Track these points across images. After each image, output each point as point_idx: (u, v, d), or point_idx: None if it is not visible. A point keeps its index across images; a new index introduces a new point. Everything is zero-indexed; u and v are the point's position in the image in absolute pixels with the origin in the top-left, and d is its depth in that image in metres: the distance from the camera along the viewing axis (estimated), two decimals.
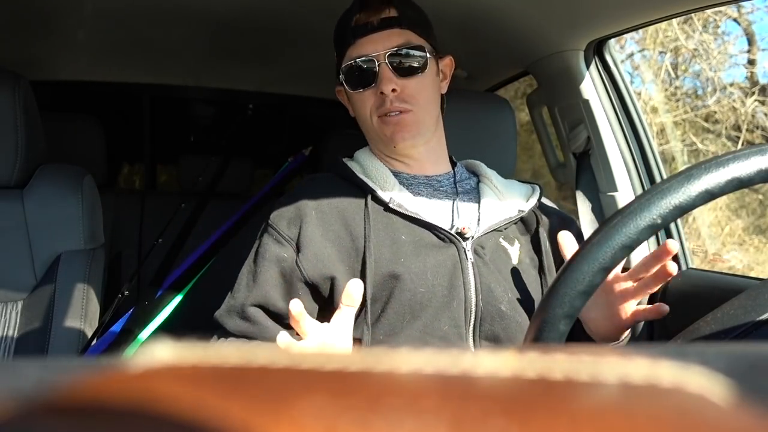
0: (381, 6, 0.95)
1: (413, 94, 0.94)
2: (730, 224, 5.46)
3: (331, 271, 0.89)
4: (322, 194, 0.95)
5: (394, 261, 0.88)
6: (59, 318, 1.19)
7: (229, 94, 2.28)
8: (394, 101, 0.93)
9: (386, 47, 0.93)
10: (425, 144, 0.99)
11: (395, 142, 0.95)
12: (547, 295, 0.48)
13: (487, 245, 0.94)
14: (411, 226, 0.92)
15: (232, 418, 0.13)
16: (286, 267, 0.90)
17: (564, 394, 0.14)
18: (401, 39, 0.94)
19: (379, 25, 0.94)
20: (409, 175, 1.00)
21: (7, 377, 0.20)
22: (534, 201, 1.01)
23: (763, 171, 0.45)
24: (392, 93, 0.93)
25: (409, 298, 0.87)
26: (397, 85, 0.93)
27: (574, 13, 1.24)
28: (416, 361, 0.16)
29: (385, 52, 0.93)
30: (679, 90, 5.99)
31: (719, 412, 0.14)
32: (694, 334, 0.58)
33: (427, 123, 0.97)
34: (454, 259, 0.90)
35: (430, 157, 1.01)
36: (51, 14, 1.43)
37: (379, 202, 0.93)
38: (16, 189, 1.26)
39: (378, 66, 0.93)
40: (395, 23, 0.95)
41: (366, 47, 0.94)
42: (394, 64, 0.93)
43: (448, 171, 1.03)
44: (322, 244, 0.90)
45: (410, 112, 0.94)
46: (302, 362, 0.16)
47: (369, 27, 0.94)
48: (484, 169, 1.06)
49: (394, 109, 0.94)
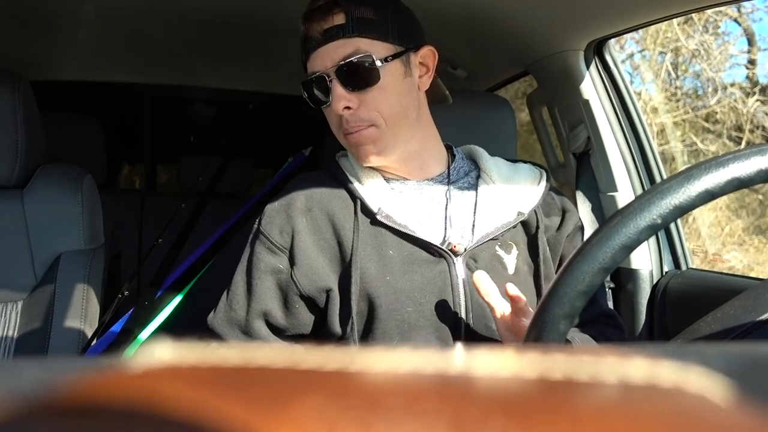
0: (326, 13, 0.85)
1: (372, 107, 0.86)
2: (730, 224, 5.46)
3: (326, 282, 0.86)
4: (314, 198, 0.90)
5: (379, 278, 0.84)
6: (59, 318, 1.19)
7: (229, 94, 2.29)
8: (350, 119, 0.86)
9: (334, 61, 0.85)
10: (403, 152, 0.91)
11: (361, 160, 0.89)
12: (547, 295, 0.48)
13: (480, 257, 0.88)
14: (399, 240, 0.87)
15: (232, 418, 0.13)
16: (282, 279, 0.88)
17: (564, 394, 0.14)
18: (348, 49, 0.85)
19: (323, 37, 0.85)
20: (398, 181, 0.93)
21: (7, 377, 0.20)
22: (538, 195, 0.94)
23: (764, 171, 0.45)
24: (346, 111, 0.86)
25: (396, 317, 0.84)
26: (351, 102, 0.85)
27: (574, 13, 1.24)
28: (416, 361, 0.16)
29: (333, 67, 0.85)
30: (679, 90, 5.99)
31: (719, 412, 0.14)
32: (694, 334, 0.59)
33: (395, 134, 0.88)
34: (444, 276, 0.85)
35: (416, 162, 0.93)
36: (51, 14, 1.43)
37: (367, 212, 0.88)
38: (16, 189, 1.26)
39: (330, 82, 0.85)
40: (339, 32, 0.85)
41: (315, 63, 0.87)
42: (344, 78, 0.85)
43: (441, 172, 0.95)
44: (315, 254, 0.87)
45: (371, 127, 0.86)
46: (302, 362, 0.16)
47: (314, 41, 0.86)
48: (485, 161, 0.97)
49: (351, 127, 0.86)
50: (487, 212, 0.91)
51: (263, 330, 0.89)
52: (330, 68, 0.85)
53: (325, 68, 0.86)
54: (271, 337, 0.90)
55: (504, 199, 0.93)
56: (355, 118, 0.86)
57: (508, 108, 1.39)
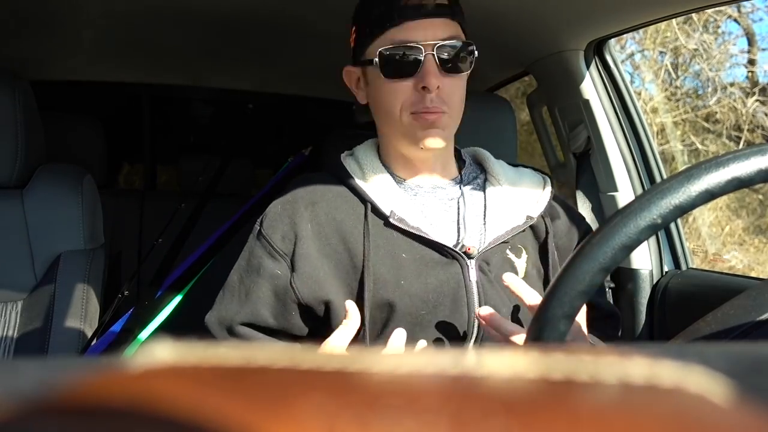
0: None
1: (451, 94, 0.86)
2: (730, 224, 5.46)
3: (327, 293, 0.84)
4: (319, 201, 0.88)
5: (394, 282, 0.83)
6: (59, 318, 1.19)
7: (229, 94, 2.28)
8: (434, 99, 0.84)
9: (436, 37, 0.83)
10: (445, 149, 0.92)
11: (424, 144, 0.86)
12: (547, 295, 0.48)
13: (492, 260, 0.88)
14: (412, 243, 0.86)
15: (232, 418, 0.13)
16: (279, 285, 0.86)
17: (564, 394, 0.14)
18: (452, 31, 0.85)
19: (434, 10, 0.83)
20: (415, 182, 0.92)
21: (7, 377, 0.20)
22: (545, 201, 0.94)
23: (763, 171, 0.45)
24: (436, 90, 0.84)
25: (409, 320, 0.83)
26: (441, 82, 0.84)
27: (574, 13, 1.24)
28: (416, 361, 0.16)
29: (435, 43, 0.83)
30: (679, 90, 5.99)
31: (719, 412, 0.14)
32: (694, 334, 0.59)
33: (455, 126, 0.89)
34: (458, 278, 0.85)
35: (442, 163, 0.94)
36: (51, 14, 1.43)
37: (379, 215, 0.87)
38: (16, 189, 1.26)
39: (424, 56, 0.83)
40: (448, 12, 0.85)
41: (414, 33, 0.83)
42: (441, 57, 0.83)
43: (455, 176, 0.95)
44: (319, 261, 0.85)
45: (446, 114, 0.85)
46: (302, 362, 0.16)
47: (422, 10, 0.83)
48: (491, 164, 0.97)
49: (433, 107, 0.84)
50: (497, 216, 0.91)
51: (247, 333, 0.88)
52: (431, 42, 0.83)
53: (425, 40, 0.83)
54: (257, 335, 0.88)
55: (512, 202, 0.93)
56: (438, 100, 0.84)
57: (508, 108, 1.39)
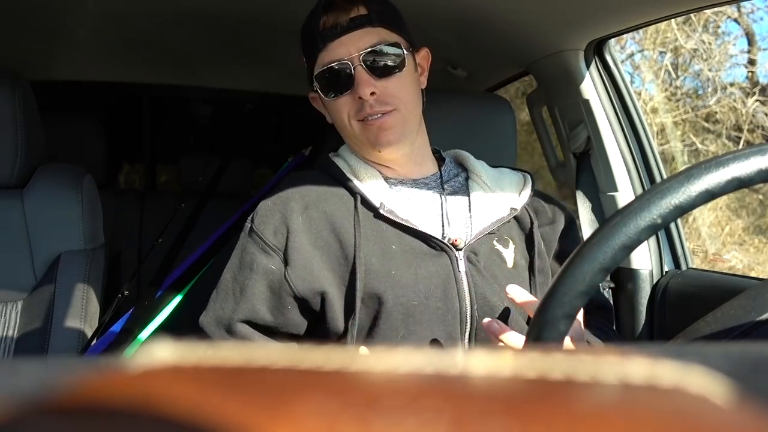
0: (348, 5, 0.89)
1: (394, 93, 0.89)
2: (730, 224, 5.46)
3: (321, 284, 0.86)
4: (309, 196, 0.91)
5: (384, 272, 0.85)
6: (59, 318, 1.19)
7: (229, 94, 2.28)
8: (374, 104, 0.88)
9: (359, 48, 0.88)
10: (410, 145, 0.94)
11: (380, 147, 0.90)
12: (547, 295, 0.48)
13: (480, 251, 0.90)
14: (402, 235, 0.88)
15: (232, 417, 0.13)
16: (274, 280, 0.87)
17: (564, 394, 0.14)
18: (374, 37, 0.89)
19: (348, 25, 0.88)
20: (396, 179, 0.95)
21: (7, 377, 0.20)
22: (526, 195, 0.97)
23: (763, 171, 0.45)
24: (371, 96, 0.88)
25: (401, 311, 0.85)
26: (375, 88, 0.88)
27: (574, 13, 1.24)
28: (416, 361, 0.16)
29: (358, 54, 0.88)
30: (679, 90, 5.99)
31: (719, 412, 0.14)
32: (694, 334, 0.59)
33: (411, 122, 0.92)
34: (447, 269, 0.87)
35: (416, 159, 0.97)
36: (51, 14, 1.43)
37: (369, 207, 0.89)
38: (15, 189, 1.26)
39: (353, 69, 0.88)
40: (366, 22, 0.89)
41: (338, 51, 0.88)
42: (369, 65, 0.88)
43: (434, 172, 0.99)
44: (311, 254, 0.87)
45: (393, 111, 0.89)
46: (302, 362, 0.16)
47: (338, 29, 0.88)
48: (472, 163, 1.01)
49: (375, 112, 0.88)
50: (482, 209, 0.94)
51: (246, 330, 0.89)
52: (355, 55, 0.88)
53: (349, 55, 0.88)
54: (255, 335, 0.89)
55: (495, 196, 0.97)
56: (379, 104, 0.88)
57: (508, 108, 1.39)
